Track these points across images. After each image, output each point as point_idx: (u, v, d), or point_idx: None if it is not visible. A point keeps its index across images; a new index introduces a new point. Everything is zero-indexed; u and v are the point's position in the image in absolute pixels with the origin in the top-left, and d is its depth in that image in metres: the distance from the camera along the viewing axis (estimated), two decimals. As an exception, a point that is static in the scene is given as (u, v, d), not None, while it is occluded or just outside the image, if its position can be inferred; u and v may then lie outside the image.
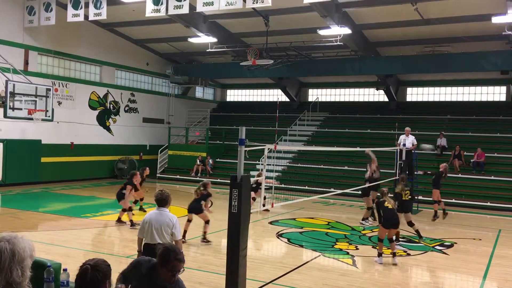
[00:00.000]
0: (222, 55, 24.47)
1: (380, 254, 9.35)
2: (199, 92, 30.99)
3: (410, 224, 11.08)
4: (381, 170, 20.13)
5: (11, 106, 15.25)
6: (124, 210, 12.15)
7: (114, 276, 3.01)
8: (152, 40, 24.32)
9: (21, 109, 15.66)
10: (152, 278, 3.96)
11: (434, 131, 22.18)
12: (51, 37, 20.27)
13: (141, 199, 14.05)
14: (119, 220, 12.26)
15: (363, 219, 13.42)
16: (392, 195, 10.60)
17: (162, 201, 5.97)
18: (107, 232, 12.05)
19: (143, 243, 5.96)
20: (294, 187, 20.17)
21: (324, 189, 17.51)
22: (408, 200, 11.49)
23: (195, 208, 10.54)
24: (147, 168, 14.42)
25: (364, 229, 12.66)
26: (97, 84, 23.13)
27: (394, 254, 9.30)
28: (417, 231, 10.98)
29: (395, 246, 9.54)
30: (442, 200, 14.25)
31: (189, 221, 10.48)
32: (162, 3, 15.31)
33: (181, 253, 4.01)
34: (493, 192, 18.34)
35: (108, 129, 23.66)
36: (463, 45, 20.06)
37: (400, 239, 11.00)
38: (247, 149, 6.96)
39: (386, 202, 9.51)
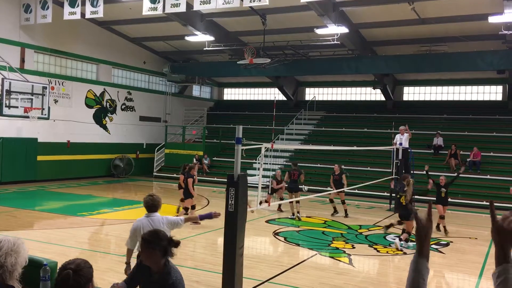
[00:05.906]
0: (219, 54, 24.46)
1: (400, 239, 10.32)
2: (196, 90, 30.96)
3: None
4: (378, 170, 20.18)
5: (7, 104, 15.23)
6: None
7: (96, 275, 2.84)
8: (149, 38, 24.27)
9: (17, 107, 15.63)
10: (144, 271, 3.70)
11: (430, 130, 22.24)
12: (47, 35, 20.20)
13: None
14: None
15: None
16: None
17: (153, 207, 5.39)
18: (103, 230, 12.03)
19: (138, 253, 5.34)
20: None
21: (321, 188, 17.54)
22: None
23: None
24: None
25: (360, 228, 12.69)
26: (93, 82, 23.07)
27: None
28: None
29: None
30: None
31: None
32: (159, 2, 15.29)
33: (151, 233, 3.64)
34: (489, 191, 18.39)
35: (104, 127, 23.61)
36: (460, 45, 20.11)
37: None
38: (244, 148, 6.97)
39: (402, 197, 10.26)
